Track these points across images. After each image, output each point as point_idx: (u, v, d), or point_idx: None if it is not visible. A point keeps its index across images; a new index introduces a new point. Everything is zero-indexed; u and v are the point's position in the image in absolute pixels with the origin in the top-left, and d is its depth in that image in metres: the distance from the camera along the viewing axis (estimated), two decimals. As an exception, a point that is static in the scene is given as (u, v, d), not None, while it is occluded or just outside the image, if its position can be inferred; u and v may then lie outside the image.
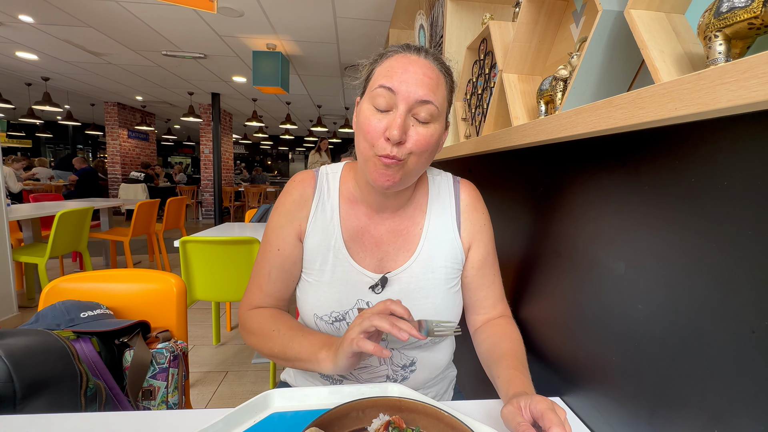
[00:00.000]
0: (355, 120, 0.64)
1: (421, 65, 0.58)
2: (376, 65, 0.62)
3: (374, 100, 0.58)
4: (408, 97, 0.56)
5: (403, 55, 0.59)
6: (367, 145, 0.59)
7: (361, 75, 0.66)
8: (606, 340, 0.55)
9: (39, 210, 2.99)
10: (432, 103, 0.57)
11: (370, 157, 0.59)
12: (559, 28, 0.82)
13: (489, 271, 0.73)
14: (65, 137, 12.45)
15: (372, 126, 0.58)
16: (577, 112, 0.52)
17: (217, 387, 1.90)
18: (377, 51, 0.64)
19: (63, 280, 0.95)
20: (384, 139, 0.57)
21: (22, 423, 0.53)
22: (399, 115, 0.56)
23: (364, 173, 0.63)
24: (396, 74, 0.57)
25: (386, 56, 0.60)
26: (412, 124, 0.58)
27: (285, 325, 0.65)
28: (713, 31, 0.39)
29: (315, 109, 8.07)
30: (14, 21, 3.60)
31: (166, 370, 0.86)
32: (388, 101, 0.57)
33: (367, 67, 0.64)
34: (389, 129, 0.56)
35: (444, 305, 0.68)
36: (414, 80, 0.56)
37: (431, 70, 0.58)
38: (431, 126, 0.59)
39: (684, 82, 0.35)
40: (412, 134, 0.57)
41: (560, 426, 0.44)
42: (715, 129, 0.39)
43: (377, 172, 0.59)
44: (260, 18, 3.39)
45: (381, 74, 0.59)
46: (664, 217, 0.45)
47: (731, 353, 0.37)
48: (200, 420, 0.55)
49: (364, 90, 0.64)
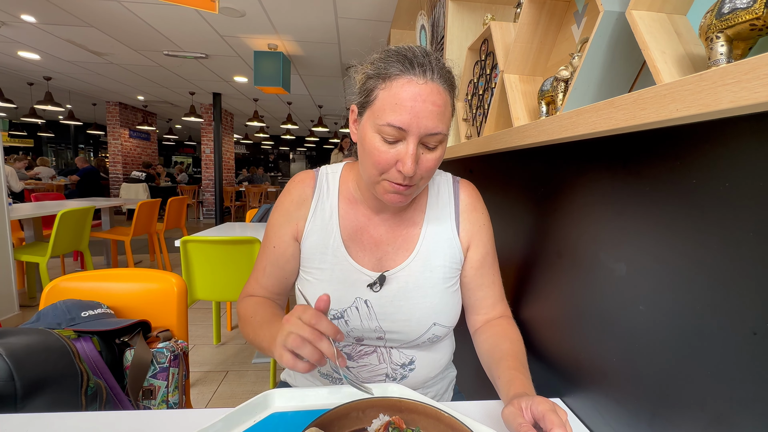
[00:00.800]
0: (357, 133, 0.63)
1: (429, 92, 0.55)
2: (378, 84, 0.57)
3: (382, 133, 0.56)
4: (419, 132, 0.55)
5: (408, 81, 0.55)
6: (377, 171, 0.59)
7: (356, 81, 0.63)
8: (607, 342, 0.55)
9: (40, 209, 3.00)
10: (441, 133, 0.57)
11: (379, 180, 0.60)
12: (561, 29, 0.82)
13: (488, 271, 0.73)
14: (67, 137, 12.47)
15: (383, 158, 0.57)
16: (578, 113, 0.52)
17: (217, 387, 1.90)
18: (375, 61, 0.59)
19: (64, 280, 0.95)
20: (396, 170, 0.57)
21: (23, 422, 0.53)
22: (410, 151, 0.55)
23: (371, 190, 0.64)
24: (404, 109, 0.54)
25: (390, 78, 0.56)
26: (422, 152, 0.58)
27: (262, 312, 0.66)
28: (715, 32, 0.39)
29: (316, 110, 8.08)
30: (16, 21, 3.61)
31: (166, 370, 0.86)
32: (397, 136, 0.56)
33: (365, 80, 0.60)
34: (401, 162, 0.56)
35: (442, 304, 0.68)
36: (424, 114, 0.54)
37: (439, 96, 0.56)
38: (439, 149, 0.59)
39: (685, 83, 0.35)
40: (421, 162, 0.58)
41: (561, 427, 0.44)
42: (716, 130, 0.39)
43: (388, 195, 0.61)
44: (262, 18, 3.39)
45: (387, 106, 0.55)
46: (665, 219, 0.45)
47: (733, 355, 0.37)
48: (201, 419, 0.55)
49: (363, 106, 0.60)
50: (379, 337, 0.68)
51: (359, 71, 0.62)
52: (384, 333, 0.67)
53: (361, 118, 0.62)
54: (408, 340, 0.68)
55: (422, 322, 0.67)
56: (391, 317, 0.67)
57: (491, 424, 0.56)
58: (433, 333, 0.68)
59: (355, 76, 0.64)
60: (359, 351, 0.70)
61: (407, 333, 0.67)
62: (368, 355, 0.69)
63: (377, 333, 0.67)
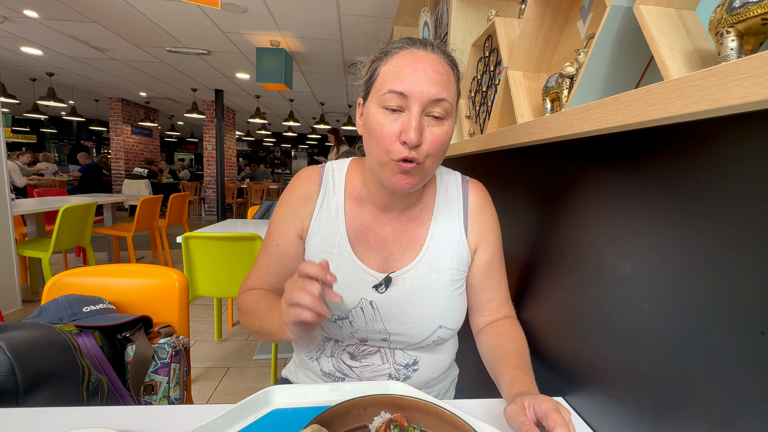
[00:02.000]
0: (362, 124, 0.62)
1: (430, 61, 0.55)
2: (380, 64, 0.59)
3: (384, 103, 0.56)
4: (421, 98, 0.54)
5: (409, 51, 0.56)
6: (382, 150, 0.57)
7: (362, 74, 0.63)
8: (610, 341, 0.55)
9: (43, 205, 3.01)
10: (446, 100, 0.55)
11: (386, 162, 0.57)
12: (566, 25, 0.82)
13: (495, 273, 0.72)
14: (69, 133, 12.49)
15: (385, 130, 0.55)
16: (584, 110, 0.52)
17: (218, 383, 1.91)
18: (378, 47, 0.61)
19: (66, 275, 0.95)
20: (400, 142, 0.55)
21: (25, 416, 0.53)
22: (414, 117, 0.54)
23: (378, 177, 0.61)
24: (405, 75, 0.54)
25: (390, 54, 0.58)
26: (427, 124, 0.56)
27: (267, 301, 0.65)
28: (725, 26, 0.38)
29: (318, 107, 8.07)
30: (19, 16, 3.60)
31: (167, 365, 0.86)
32: (399, 103, 0.55)
33: (369, 65, 0.61)
34: (405, 132, 0.54)
35: (448, 307, 0.67)
36: (425, 79, 0.54)
37: (441, 65, 0.56)
38: (445, 123, 0.57)
39: (695, 79, 0.35)
40: (427, 135, 0.56)
41: (564, 426, 0.44)
42: (725, 126, 0.39)
43: (395, 177, 0.58)
44: (264, 14, 3.38)
45: (388, 76, 0.56)
46: (672, 217, 0.45)
47: (739, 355, 0.36)
48: (202, 415, 0.55)
49: (367, 91, 0.61)
50: (383, 339, 0.67)
51: (364, 64, 0.63)
52: (389, 335, 0.67)
53: (366, 102, 0.61)
54: (413, 342, 0.67)
55: (428, 325, 0.66)
56: (396, 319, 0.66)
57: (493, 422, 0.56)
58: (439, 336, 0.67)
59: (362, 69, 0.64)
60: (362, 351, 0.69)
61: (412, 335, 0.66)
62: (371, 355, 0.69)
63: (382, 335, 0.67)
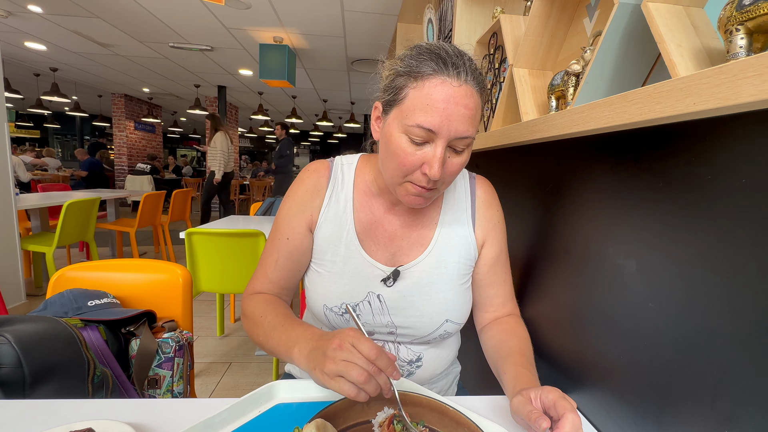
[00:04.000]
0: (380, 134, 0.61)
1: (463, 95, 0.53)
2: (408, 83, 0.55)
3: (410, 134, 0.54)
4: (449, 135, 0.53)
5: (441, 81, 0.52)
6: (400, 173, 0.57)
7: (382, 77, 0.61)
8: (614, 339, 0.55)
9: (47, 200, 3.02)
10: (470, 137, 0.55)
11: (401, 182, 0.59)
12: (572, 22, 0.81)
13: (501, 269, 0.72)
14: (73, 128, 12.53)
15: (408, 160, 0.55)
16: (590, 107, 0.52)
17: (220, 378, 1.92)
18: (406, 58, 0.56)
19: (71, 269, 0.96)
20: (420, 173, 0.56)
21: (31, 408, 0.54)
22: (438, 155, 0.54)
23: (392, 190, 0.62)
24: (437, 111, 0.52)
25: (422, 77, 0.53)
26: (448, 155, 0.56)
27: (272, 313, 0.63)
28: (735, 24, 0.38)
29: (321, 104, 8.06)
30: (23, 11, 3.61)
31: (171, 360, 0.86)
32: (425, 137, 0.54)
33: (394, 77, 0.57)
34: (427, 165, 0.55)
35: (454, 301, 0.67)
36: (456, 117, 0.52)
37: (472, 99, 0.54)
38: (465, 152, 0.57)
39: (704, 76, 0.34)
40: (447, 165, 0.56)
41: (573, 412, 0.45)
42: (733, 124, 0.38)
43: (409, 198, 0.60)
44: (268, 10, 3.37)
45: (418, 107, 0.53)
46: (678, 215, 0.44)
47: (745, 353, 0.36)
48: (205, 409, 0.55)
49: (390, 105, 0.58)
50: (390, 332, 0.68)
51: (387, 67, 0.60)
52: (396, 328, 0.67)
53: (387, 116, 0.59)
54: (419, 336, 0.68)
55: (435, 318, 0.66)
56: (403, 313, 0.66)
57: (495, 418, 0.56)
58: (445, 329, 0.67)
59: (382, 72, 0.61)
60: None
61: (419, 329, 0.67)
62: None
63: (389, 328, 0.67)
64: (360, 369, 0.46)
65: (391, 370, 0.48)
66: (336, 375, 0.47)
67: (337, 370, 0.47)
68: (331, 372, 0.48)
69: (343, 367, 0.47)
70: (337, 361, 0.47)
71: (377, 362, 0.47)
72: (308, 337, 0.55)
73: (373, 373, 0.46)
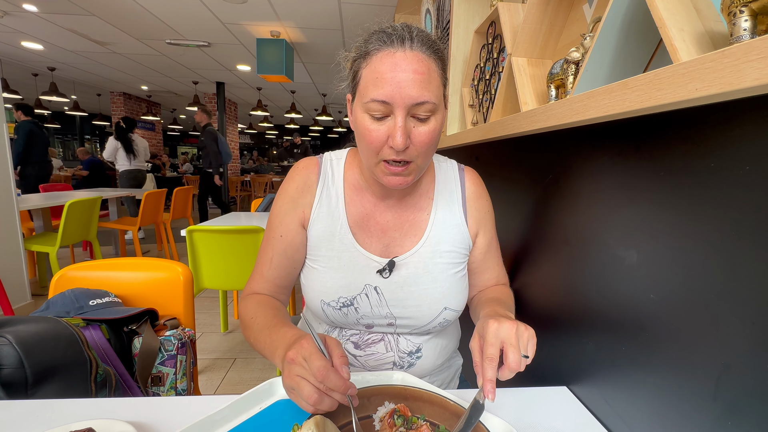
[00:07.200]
0: (353, 123, 0.62)
1: (409, 61, 0.53)
2: (361, 66, 0.57)
3: (369, 111, 0.56)
4: (403, 103, 0.53)
5: (386, 53, 0.54)
6: (372, 153, 0.58)
7: (346, 71, 0.62)
8: (615, 330, 0.54)
9: (49, 200, 3.03)
10: (428, 102, 0.55)
11: (376, 163, 0.59)
12: (571, 9, 0.79)
13: (493, 254, 0.76)
14: (73, 128, 12.53)
15: (373, 136, 0.56)
16: (589, 96, 0.51)
17: (225, 373, 1.93)
18: (357, 43, 0.59)
19: (72, 269, 0.96)
20: (388, 146, 0.56)
21: (34, 408, 0.54)
22: (398, 123, 0.54)
23: (373, 175, 0.62)
24: (385, 81, 0.53)
25: (370, 55, 0.56)
26: (413, 125, 0.56)
27: (263, 315, 0.63)
28: (738, 6, 0.36)
29: (320, 98, 8.02)
30: (18, 10, 3.59)
31: (174, 357, 0.87)
32: (383, 110, 0.55)
33: (350, 64, 0.60)
34: (391, 137, 0.55)
35: (452, 288, 0.68)
36: (405, 82, 0.53)
37: (420, 63, 0.54)
38: (432, 120, 0.57)
39: (706, 61, 0.33)
40: (414, 135, 0.56)
41: (514, 348, 0.48)
42: (736, 110, 0.37)
43: (388, 178, 0.60)
44: (264, 4, 3.34)
45: (369, 83, 0.55)
46: (680, 204, 0.44)
47: (747, 344, 0.36)
48: (208, 406, 0.56)
49: (353, 91, 0.60)
50: (389, 324, 0.68)
51: (345, 58, 0.62)
52: (395, 319, 0.67)
53: (353, 103, 0.61)
54: (419, 326, 0.68)
55: (433, 307, 0.67)
56: (402, 303, 0.67)
57: (496, 411, 0.56)
58: (444, 318, 0.68)
59: (345, 64, 0.63)
60: (366, 339, 0.69)
61: (418, 318, 0.67)
62: (376, 344, 0.69)
63: (388, 319, 0.67)
64: (311, 388, 0.45)
65: (344, 389, 0.46)
66: (290, 389, 0.47)
67: (290, 385, 0.47)
68: (287, 386, 0.48)
69: (296, 384, 0.46)
70: (291, 375, 0.47)
71: (326, 383, 0.45)
72: (285, 342, 0.54)
73: (325, 391, 0.45)
